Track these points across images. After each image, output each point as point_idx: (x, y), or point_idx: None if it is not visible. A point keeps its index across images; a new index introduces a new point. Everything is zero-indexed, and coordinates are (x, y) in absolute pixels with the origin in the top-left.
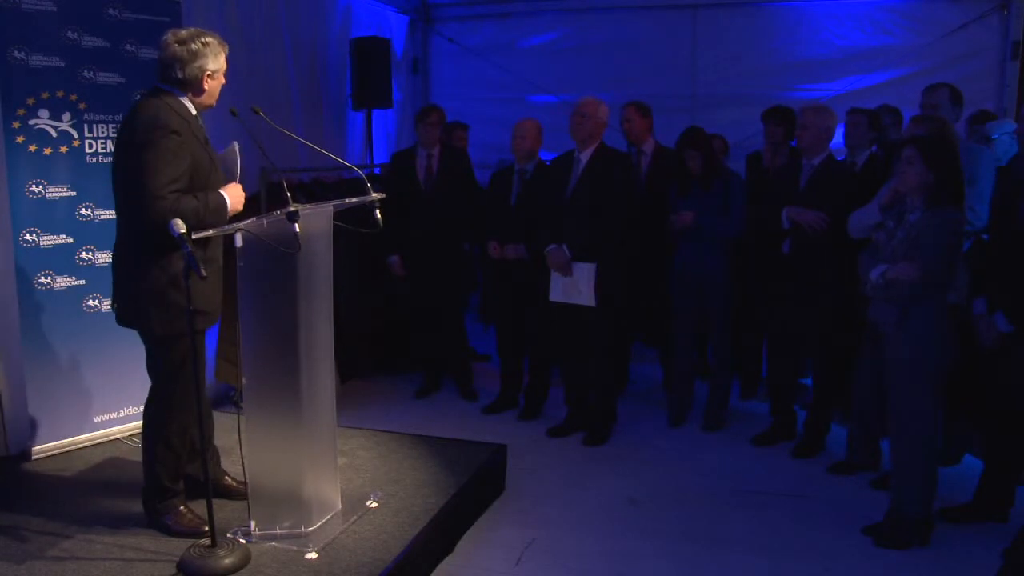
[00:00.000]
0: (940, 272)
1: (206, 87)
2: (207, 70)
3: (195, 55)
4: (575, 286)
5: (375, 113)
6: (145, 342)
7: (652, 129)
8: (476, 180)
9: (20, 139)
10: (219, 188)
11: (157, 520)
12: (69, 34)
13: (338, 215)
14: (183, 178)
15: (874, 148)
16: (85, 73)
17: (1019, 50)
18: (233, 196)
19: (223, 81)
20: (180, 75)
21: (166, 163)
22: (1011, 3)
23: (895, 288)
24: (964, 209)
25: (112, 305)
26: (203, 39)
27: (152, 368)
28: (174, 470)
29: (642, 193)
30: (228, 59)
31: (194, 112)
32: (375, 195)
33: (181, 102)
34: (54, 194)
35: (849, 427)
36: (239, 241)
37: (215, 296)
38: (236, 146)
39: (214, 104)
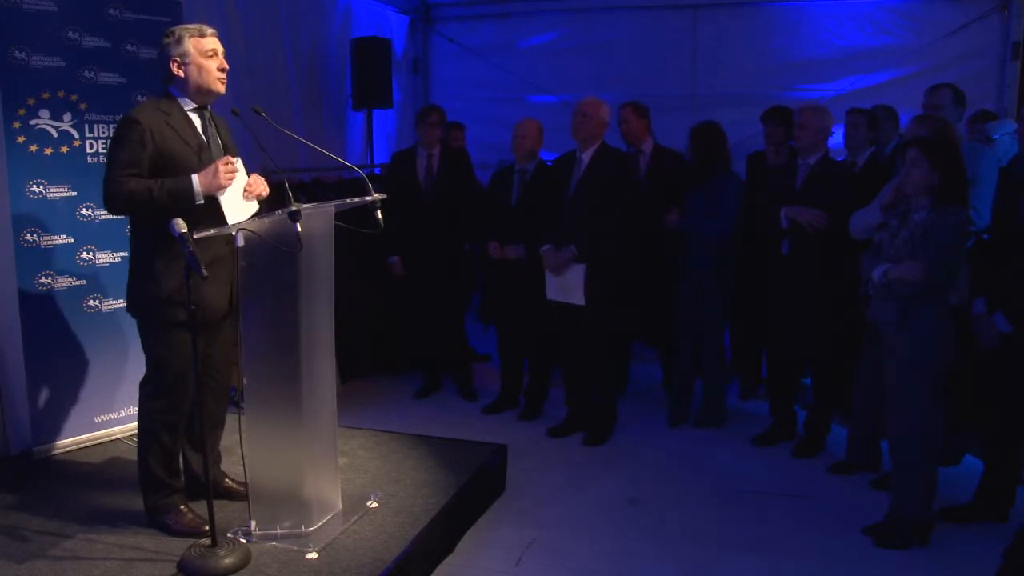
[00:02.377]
0: (944, 272)
1: (180, 74)
2: (171, 56)
3: (164, 49)
4: (567, 285)
5: (375, 113)
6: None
7: (650, 129)
8: (477, 180)
9: (21, 139)
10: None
11: (157, 519)
12: (70, 34)
13: (339, 215)
14: (140, 165)
15: (874, 148)
16: (86, 73)
17: (1019, 50)
18: (205, 175)
19: (204, 64)
20: (163, 72)
21: (118, 149)
22: (1011, 3)
23: (897, 287)
24: (969, 209)
25: None
26: (171, 31)
27: (145, 358)
28: (165, 465)
29: (641, 193)
30: (219, 43)
31: (188, 107)
32: (376, 195)
33: (171, 98)
34: (55, 194)
35: (849, 427)
36: (240, 240)
37: (206, 290)
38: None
39: (207, 88)
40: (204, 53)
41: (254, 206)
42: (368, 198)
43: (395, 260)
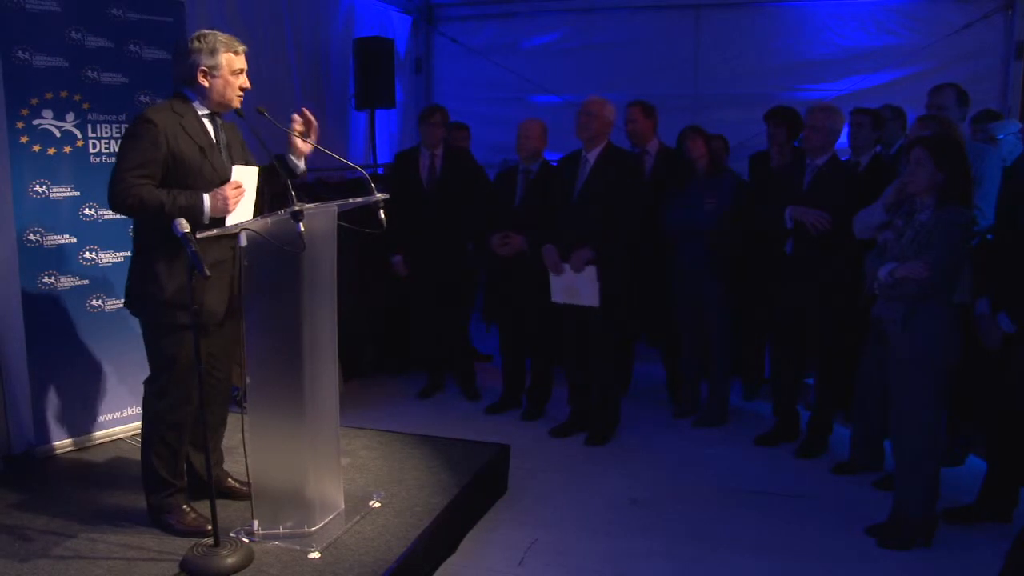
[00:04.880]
0: (949, 271)
1: (204, 83)
2: (200, 65)
3: (189, 52)
4: (576, 287)
5: (378, 113)
6: None
7: (656, 129)
8: (487, 178)
9: (24, 139)
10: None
11: (160, 519)
12: (73, 34)
13: (341, 215)
14: (151, 166)
15: (878, 148)
16: (89, 73)
17: (1023, 50)
18: (216, 198)
19: (231, 81)
20: (179, 71)
21: (131, 148)
22: (1015, 3)
23: (903, 286)
24: (973, 208)
25: None
26: (203, 35)
27: (148, 358)
28: (169, 464)
29: (647, 193)
30: (246, 62)
31: (202, 112)
32: (379, 195)
33: (187, 102)
34: (58, 194)
35: (852, 427)
36: (243, 240)
37: (206, 293)
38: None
39: (226, 103)
40: (234, 71)
41: (250, 211)
42: (371, 198)
43: (398, 260)
